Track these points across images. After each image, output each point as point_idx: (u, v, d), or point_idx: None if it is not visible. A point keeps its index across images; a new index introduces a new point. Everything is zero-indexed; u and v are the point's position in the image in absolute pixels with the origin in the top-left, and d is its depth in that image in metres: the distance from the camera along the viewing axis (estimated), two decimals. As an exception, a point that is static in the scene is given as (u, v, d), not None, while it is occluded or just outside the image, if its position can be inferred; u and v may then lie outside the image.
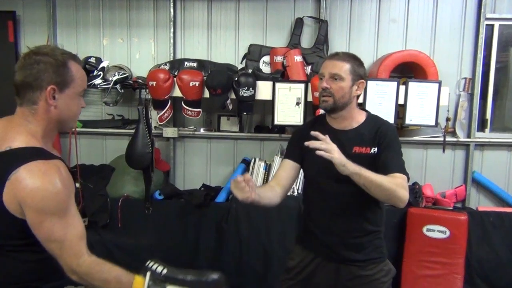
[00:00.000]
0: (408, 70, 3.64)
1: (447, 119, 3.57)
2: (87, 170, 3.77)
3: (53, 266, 1.43)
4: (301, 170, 2.14)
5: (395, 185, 1.74)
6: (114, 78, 3.45)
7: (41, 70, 1.36)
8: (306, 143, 1.74)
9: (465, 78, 3.70)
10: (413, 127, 3.71)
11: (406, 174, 1.85)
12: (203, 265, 3.54)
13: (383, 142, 1.90)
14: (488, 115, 3.76)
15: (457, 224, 3.26)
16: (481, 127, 3.79)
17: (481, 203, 3.84)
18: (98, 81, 3.47)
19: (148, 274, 1.42)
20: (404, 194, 1.76)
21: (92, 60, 3.60)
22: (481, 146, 3.79)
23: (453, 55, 3.70)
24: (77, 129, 3.74)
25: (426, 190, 3.72)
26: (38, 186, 1.28)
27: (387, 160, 1.86)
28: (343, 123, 2.01)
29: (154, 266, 1.45)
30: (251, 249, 3.54)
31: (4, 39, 3.66)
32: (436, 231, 3.27)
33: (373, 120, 2.02)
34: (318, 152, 1.69)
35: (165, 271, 1.43)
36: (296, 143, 2.10)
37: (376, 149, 1.91)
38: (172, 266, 1.47)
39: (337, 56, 1.96)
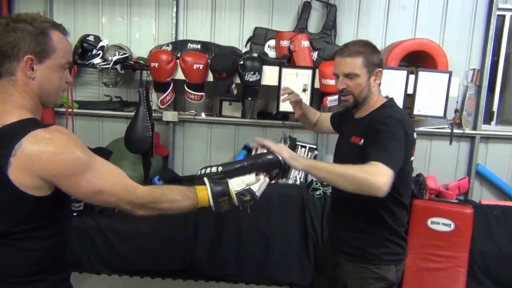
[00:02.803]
0: (416, 59, 3.56)
1: (456, 111, 3.50)
2: (83, 153, 3.63)
3: (59, 254, 1.38)
4: None
5: (363, 173, 1.57)
6: (114, 58, 3.30)
7: (18, 39, 1.25)
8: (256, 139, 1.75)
9: (474, 69, 3.63)
10: (419, 118, 3.64)
11: (390, 164, 1.62)
12: (202, 253, 3.46)
13: (371, 132, 1.77)
14: (495, 108, 3.70)
15: (462, 217, 3.22)
16: (488, 119, 3.73)
17: (483, 196, 3.81)
18: (97, 60, 3.32)
19: (206, 179, 1.44)
20: (378, 181, 1.55)
21: (91, 38, 3.44)
22: (486, 139, 3.75)
23: (462, 45, 3.63)
24: (74, 110, 3.61)
25: (430, 182, 3.67)
26: (52, 152, 1.20)
27: (370, 148, 1.71)
28: (361, 112, 1.96)
29: (208, 170, 1.47)
30: (251, 238, 3.47)
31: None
32: (440, 224, 3.23)
33: (381, 109, 1.91)
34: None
35: (220, 168, 1.46)
36: (341, 115, 2.24)
37: (363, 140, 1.81)
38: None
39: (348, 51, 1.86)
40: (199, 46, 3.43)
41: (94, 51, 3.37)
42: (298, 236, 3.45)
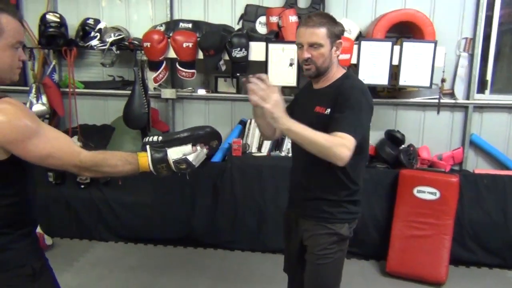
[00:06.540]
0: (409, 30, 3.56)
1: (442, 80, 3.50)
2: (88, 130, 3.90)
3: (21, 212, 1.54)
4: None
5: (330, 143, 1.69)
6: (110, 40, 3.50)
7: None
8: (246, 79, 1.75)
9: (466, 38, 3.60)
10: (412, 89, 3.67)
11: (355, 134, 1.74)
12: (199, 222, 3.68)
13: (338, 102, 1.84)
14: (489, 77, 3.67)
15: (448, 185, 3.25)
16: (481, 88, 3.71)
17: (479, 166, 3.81)
18: (94, 42, 3.54)
19: (148, 146, 1.58)
20: (341, 152, 1.69)
21: (90, 21, 3.65)
22: (480, 108, 3.73)
23: (454, 14, 3.61)
24: (79, 90, 3.86)
25: (422, 152, 3.71)
26: (1, 121, 1.35)
27: (336, 118, 1.80)
28: (322, 83, 2.02)
29: (151, 138, 1.60)
30: (245, 207, 3.65)
31: (6, 1, 3.72)
32: (426, 193, 3.28)
33: (343, 78, 1.97)
34: (249, 97, 1.71)
35: (160, 138, 1.58)
36: (293, 99, 2.26)
37: (329, 110, 1.87)
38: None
39: (312, 22, 1.90)
40: (190, 25, 3.57)
41: (93, 34, 3.57)
42: (289, 205, 3.60)
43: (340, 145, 1.69)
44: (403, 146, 3.66)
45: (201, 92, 3.87)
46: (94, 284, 3.18)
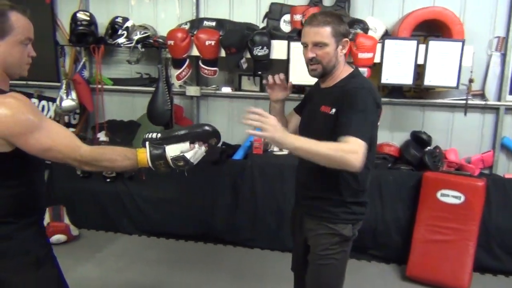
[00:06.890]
0: (437, 29, 3.45)
1: (470, 81, 3.37)
2: (116, 126, 4.02)
3: (26, 202, 1.59)
4: None
5: (341, 152, 1.67)
6: (136, 37, 3.59)
7: None
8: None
9: (498, 37, 3.46)
10: (440, 89, 3.56)
11: (363, 137, 1.71)
12: (219, 220, 3.70)
13: (344, 103, 1.81)
14: (523, 77, 3.51)
15: (473, 190, 3.14)
16: (514, 90, 3.56)
17: (511, 171, 3.65)
18: (121, 40, 3.63)
19: (147, 143, 1.60)
20: (353, 159, 1.66)
21: (119, 20, 3.75)
22: (513, 110, 3.58)
23: (486, 12, 3.46)
24: (107, 86, 3.98)
25: (450, 155, 3.59)
26: (5, 114, 1.41)
27: (343, 121, 1.77)
28: (328, 82, 2.00)
29: (150, 135, 1.62)
30: (265, 206, 3.64)
31: (41, 1, 3.88)
32: (450, 196, 3.17)
33: (349, 78, 1.95)
34: (248, 132, 1.69)
35: (159, 135, 1.60)
36: (304, 98, 2.27)
37: (334, 110, 1.85)
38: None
39: (316, 21, 1.89)
40: (214, 24, 3.60)
41: (120, 32, 3.67)
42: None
43: (350, 152, 1.67)
44: (429, 148, 3.56)
45: (225, 90, 3.90)
46: (114, 275, 3.26)
